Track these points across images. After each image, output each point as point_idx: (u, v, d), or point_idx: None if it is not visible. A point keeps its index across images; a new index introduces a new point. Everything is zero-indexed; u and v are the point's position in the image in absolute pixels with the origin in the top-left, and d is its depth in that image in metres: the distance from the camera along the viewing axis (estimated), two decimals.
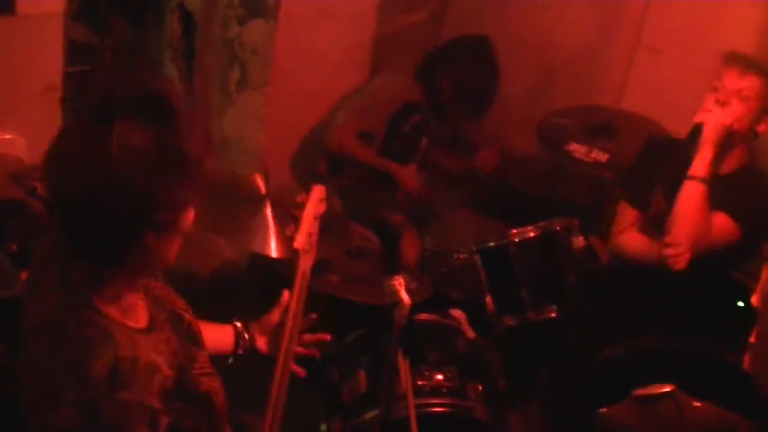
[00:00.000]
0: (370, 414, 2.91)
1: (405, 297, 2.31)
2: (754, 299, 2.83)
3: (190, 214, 1.82)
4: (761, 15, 3.87)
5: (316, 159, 4.41)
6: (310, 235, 2.35)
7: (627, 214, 3.43)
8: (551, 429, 3.40)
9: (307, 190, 2.50)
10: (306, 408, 3.22)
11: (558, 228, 3.25)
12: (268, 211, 2.90)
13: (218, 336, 2.40)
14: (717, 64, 3.22)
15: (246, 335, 2.44)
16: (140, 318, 1.88)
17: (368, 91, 4.43)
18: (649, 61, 4.32)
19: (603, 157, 3.72)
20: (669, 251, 3.13)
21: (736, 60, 3.19)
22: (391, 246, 2.38)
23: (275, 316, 2.45)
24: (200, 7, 3.95)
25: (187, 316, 2.08)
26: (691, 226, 3.10)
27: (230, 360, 3.19)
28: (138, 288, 1.90)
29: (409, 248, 3.82)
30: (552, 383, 3.45)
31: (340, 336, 3.26)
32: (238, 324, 2.45)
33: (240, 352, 2.43)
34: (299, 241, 2.30)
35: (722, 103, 3.12)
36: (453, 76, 4.30)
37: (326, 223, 3.02)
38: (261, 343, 2.47)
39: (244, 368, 2.42)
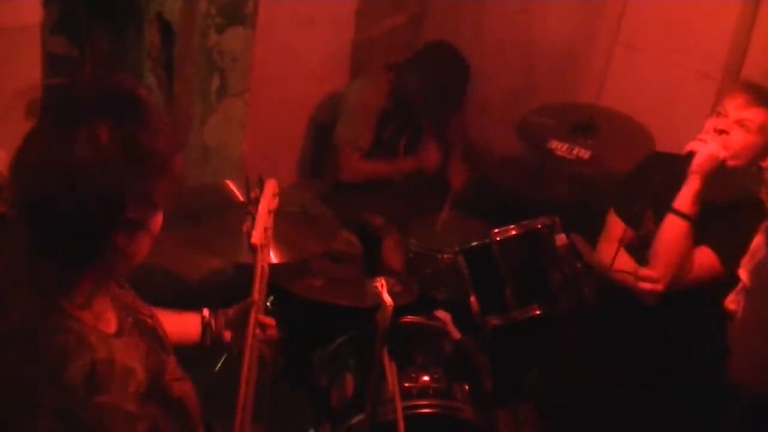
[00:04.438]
0: (358, 418, 2.91)
1: (387, 298, 2.32)
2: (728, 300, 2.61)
3: (160, 215, 1.83)
4: (737, 12, 3.89)
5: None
6: (266, 229, 2.36)
7: (615, 225, 3.33)
8: (540, 429, 3.41)
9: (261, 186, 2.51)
10: (293, 413, 3.24)
11: (540, 226, 3.23)
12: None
13: (185, 325, 2.39)
14: (726, 89, 3.12)
15: (213, 325, 2.42)
16: (110, 323, 1.87)
17: (348, 110, 4.41)
18: (628, 58, 4.34)
19: (586, 154, 3.71)
20: (645, 285, 3.06)
21: (747, 88, 3.01)
22: (372, 248, 2.40)
23: (239, 310, 2.43)
24: (179, 16, 3.95)
25: (151, 321, 2.07)
26: (671, 262, 3.01)
27: (217, 368, 3.21)
28: (106, 293, 1.88)
29: (392, 251, 3.82)
30: (540, 383, 3.46)
31: (327, 340, 3.26)
32: (206, 314, 2.43)
33: (207, 342, 2.41)
34: (256, 237, 2.32)
35: (721, 132, 2.98)
36: (426, 76, 4.31)
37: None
38: (227, 334, 2.45)
39: (229, 376, 2.41)
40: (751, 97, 2.97)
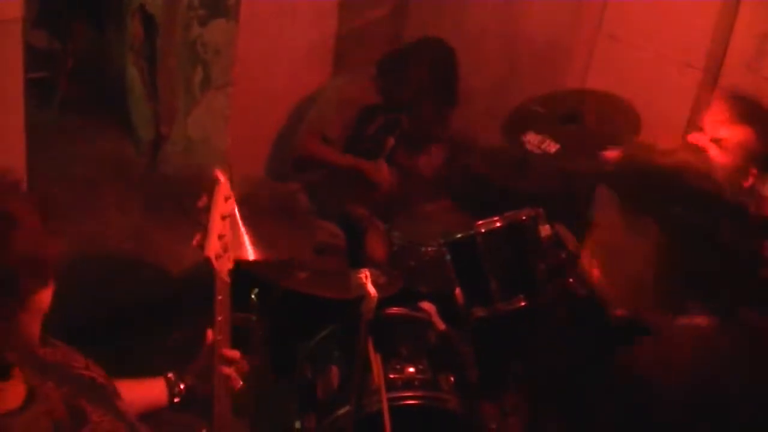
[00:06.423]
0: (344, 409, 2.91)
1: (371, 290, 2.32)
2: None
3: (46, 293, 1.73)
4: (720, 2, 3.90)
5: (285, 163, 4.41)
6: (220, 237, 2.17)
7: None
8: (526, 419, 3.42)
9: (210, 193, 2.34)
10: (279, 405, 3.24)
11: (524, 217, 3.24)
12: (236, 211, 2.89)
13: (150, 391, 2.31)
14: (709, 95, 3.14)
15: (181, 384, 2.32)
16: (13, 397, 1.77)
17: (325, 98, 4.38)
18: (611, 48, 4.35)
19: (552, 147, 3.70)
20: None
21: (726, 102, 2.95)
22: (356, 240, 2.39)
23: (203, 358, 2.31)
24: (161, 9, 3.95)
25: (87, 373, 1.98)
26: None
27: None
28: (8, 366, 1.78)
29: (376, 243, 3.82)
30: (525, 373, 3.47)
31: (312, 332, 3.26)
32: (171, 375, 2.33)
33: (176, 401, 2.31)
34: (210, 249, 2.13)
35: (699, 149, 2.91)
36: (421, 72, 4.27)
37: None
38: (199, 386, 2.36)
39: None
40: (730, 114, 2.92)
